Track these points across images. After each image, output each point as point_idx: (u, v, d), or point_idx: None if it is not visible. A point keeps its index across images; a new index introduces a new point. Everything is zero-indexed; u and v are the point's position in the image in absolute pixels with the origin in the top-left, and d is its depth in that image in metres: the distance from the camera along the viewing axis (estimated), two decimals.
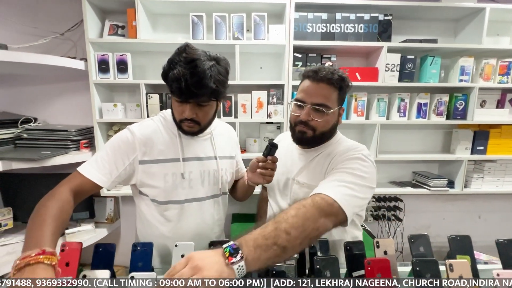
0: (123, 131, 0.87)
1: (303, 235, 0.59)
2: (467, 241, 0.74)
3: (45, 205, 0.69)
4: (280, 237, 0.56)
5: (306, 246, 0.64)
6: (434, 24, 1.84)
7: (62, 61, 1.45)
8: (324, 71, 0.81)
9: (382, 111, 1.73)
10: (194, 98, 0.78)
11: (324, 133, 0.85)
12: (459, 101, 1.73)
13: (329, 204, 0.66)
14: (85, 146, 1.61)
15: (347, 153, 0.82)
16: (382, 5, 1.60)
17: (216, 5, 1.58)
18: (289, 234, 0.57)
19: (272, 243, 0.56)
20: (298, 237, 0.58)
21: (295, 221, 0.59)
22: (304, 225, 0.60)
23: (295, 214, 0.61)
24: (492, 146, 1.79)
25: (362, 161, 0.79)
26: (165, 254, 0.91)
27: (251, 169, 0.88)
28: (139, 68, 1.74)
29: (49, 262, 0.54)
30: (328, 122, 0.84)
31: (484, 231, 2.08)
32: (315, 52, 1.67)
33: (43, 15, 1.65)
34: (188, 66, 0.74)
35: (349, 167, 0.77)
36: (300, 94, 0.85)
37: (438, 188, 1.79)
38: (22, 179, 1.55)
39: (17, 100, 1.71)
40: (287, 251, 0.57)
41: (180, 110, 0.81)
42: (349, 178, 0.74)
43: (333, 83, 0.81)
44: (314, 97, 0.82)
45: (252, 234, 0.57)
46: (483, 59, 1.70)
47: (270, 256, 0.55)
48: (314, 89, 0.82)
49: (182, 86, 0.74)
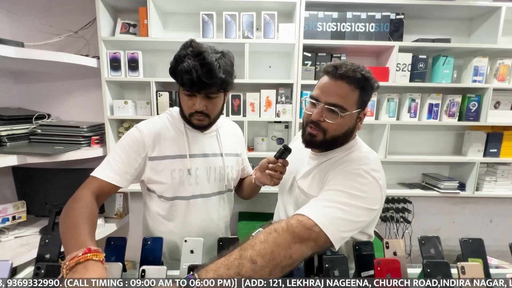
0: (131, 130, 0.88)
1: (272, 264, 0.53)
2: (479, 244, 0.72)
3: (73, 208, 0.70)
4: (244, 266, 0.51)
5: (279, 275, 0.55)
6: (447, 23, 1.80)
7: (75, 58, 1.48)
8: (345, 67, 0.71)
9: (392, 111, 1.70)
10: (205, 89, 0.78)
11: (335, 138, 0.76)
12: (472, 102, 1.69)
13: (307, 228, 0.59)
14: (96, 142, 1.64)
15: (348, 167, 0.73)
16: (394, 3, 1.58)
17: (226, 4, 1.58)
18: (255, 263, 0.52)
19: (234, 273, 0.51)
20: (266, 266, 0.53)
21: (262, 248, 0.54)
22: (273, 252, 0.54)
23: (264, 239, 0.56)
24: (506, 148, 1.74)
25: (360, 177, 0.70)
26: (171, 250, 0.92)
27: (260, 169, 0.88)
28: (149, 66, 1.76)
29: (97, 258, 0.55)
30: (342, 126, 0.74)
31: (496, 236, 2.03)
32: (325, 51, 1.66)
33: (57, 14, 1.69)
34: (196, 58, 0.75)
35: (343, 184, 0.69)
36: (315, 91, 0.76)
37: (449, 190, 1.76)
38: (35, 173, 1.59)
39: (32, 97, 1.76)
40: (253, 274, 0.52)
41: (190, 104, 0.82)
42: (341, 198, 0.66)
43: (354, 82, 0.71)
44: (329, 96, 0.72)
45: (215, 263, 0.53)
46: (498, 59, 1.66)
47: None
48: (331, 87, 0.73)
49: (194, 77, 0.74)
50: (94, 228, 0.68)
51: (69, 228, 0.64)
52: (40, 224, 1.63)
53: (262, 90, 1.66)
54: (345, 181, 0.70)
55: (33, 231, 1.54)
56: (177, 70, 0.77)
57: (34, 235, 1.51)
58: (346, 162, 0.76)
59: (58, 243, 0.70)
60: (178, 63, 0.77)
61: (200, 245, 0.72)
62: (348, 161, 0.76)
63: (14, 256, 1.29)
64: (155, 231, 0.94)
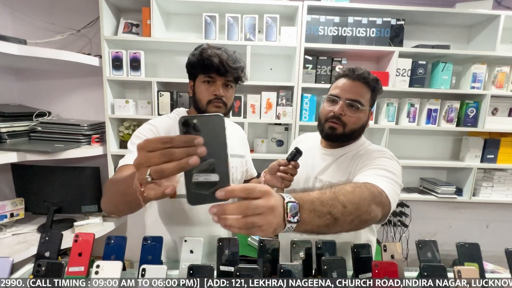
0: (144, 126, 0.89)
1: (356, 214, 0.55)
2: (475, 249, 0.73)
3: (110, 178, 0.71)
4: (335, 207, 0.52)
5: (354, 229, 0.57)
6: (447, 30, 1.82)
7: (77, 57, 1.49)
8: (361, 71, 0.85)
9: (391, 116, 1.72)
10: (227, 75, 0.85)
11: (353, 131, 0.87)
12: (470, 108, 1.71)
13: (380, 193, 0.64)
14: (96, 141, 1.64)
15: (375, 153, 0.84)
16: (394, 9, 1.59)
17: (229, 6, 1.60)
18: (345, 207, 0.54)
19: (327, 212, 0.51)
20: (352, 214, 0.55)
21: (351, 197, 0.56)
22: (359, 204, 0.56)
23: (352, 191, 0.58)
24: (503, 155, 1.76)
25: (390, 160, 0.81)
26: (172, 249, 0.92)
27: (271, 172, 0.87)
28: (151, 66, 1.77)
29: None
30: (360, 120, 0.86)
31: (492, 241, 2.04)
32: (326, 55, 1.67)
33: (60, 12, 1.70)
34: (218, 50, 0.85)
35: (381, 164, 0.77)
36: (334, 90, 0.87)
37: (446, 195, 1.77)
38: (34, 171, 1.59)
39: (33, 94, 1.76)
40: (337, 225, 0.53)
41: (210, 90, 0.86)
42: (386, 173, 0.74)
43: (368, 83, 0.85)
44: (349, 93, 0.84)
45: (309, 195, 0.52)
46: (496, 67, 1.68)
47: (321, 224, 0.51)
48: (349, 85, 0.85)
49: (223, 60, 0.82)
50: None
51: (116, 179, 0.64)
52: (38, 221, 1.63)
53: (263, 92, 1.67)
54: (381, 161, 0.79)
55: (31, 229, 1.53)
56: (200, 58, 0.84)
57: (32, 232, 1.51)
58: (369, 152, 0.85)
59: (58, 241, 0.70)
60: (201, 53, 0.84)
61: (200, 245, 0.72)
62: (370, 152, 0.85)
63: (11, 254, 1.28)
64: (157, 230, 0.94)
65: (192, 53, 0.88)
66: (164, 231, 0.92)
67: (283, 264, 0.65)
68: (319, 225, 0.51)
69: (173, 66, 1.80)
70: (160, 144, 0.39)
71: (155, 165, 0.39)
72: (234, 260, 0.71)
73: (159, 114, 1.63)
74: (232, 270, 0.66)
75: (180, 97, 1.66)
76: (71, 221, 1.63)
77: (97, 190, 1.66)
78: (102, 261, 0.62)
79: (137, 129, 0.88)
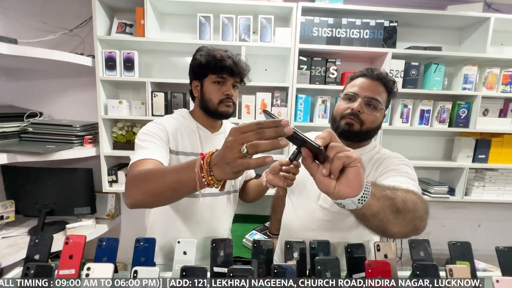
0: (150, 124, 0.89)
1: (413, 214, 0.56)
2: (467, 248, 0.74)
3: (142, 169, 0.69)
4: (397, 199, 0.53)
5: (412, 228, 0.58)
6: (439, 32, 1.85)
7: (70, 57, 1.47)
8: (379, 71, 0.87)
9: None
10: (237, 75, 0.90)
11: (370, 130, 0.86)
12: (462, 109, 1.74)
13: (426, 204, 0.63)
14: (89, 142, 1.62)
15: (395, 159, 0.85)
16: (387, 11, 1.61)
17: (223, 7, 1.60)
18: (406, 202, 0.55)
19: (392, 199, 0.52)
20: (410, 212, 0.55)
21: (409, 197, 0.57)
22: (417, 204, 0.58)
23: (406, 192, 0.58)
24: (493, 155, 1.79)
25: (410, 168, 0.82)
26: (173, 250, 0.92)
27: (273, 172, 0.87)
28: (145, 66, 1.76)
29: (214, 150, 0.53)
30: (377, 119, 0.86)
31: (484, 240, 2.07)
32: (320, 56, 1.68)
33: (52, 11, 1.68)
34: (226, 52, 0.89)
35: (406, 172, 0.79)
36: (352, 88, 0.87)
37: (439, 195, 1.79)
38: (25, 172, 1.56)
39: (24, 94, 1.73)
40: (398, 215, 0.53)
41: (222, 90, 0.90)
42: (415, 183, 0.75)
43: (386, 83, 0.86)
44: (368, 91, 0.84)
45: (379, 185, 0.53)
46: (487, 68, 1.71)
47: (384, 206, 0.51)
48: (368, 84, 0.85)
49: (236, 61, 0.88)
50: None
51: (157, 173, 0.63)
52: (29, 224, 1.60)
53: (257, 93, 1.67)
54: (405, 169, 0.80)
55: (21, 232, 1.51)
56: (212, 60, 0.87)
57: (23, 235, 1.48)
58: (388, 157, 0.87)
59: (48, 244, 0.69)
60: (210, 56, 0.87)
61: (194, 246, 0.72)
62: (389, 157, 0.87)
63: (1, 257, 1.26)
64: (160, 229, 0.94)
65: (198, 54, 0.90)
66: (165, 230, 0.93)
67: (277, 265, 0.64)
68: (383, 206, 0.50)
69: (167, 66, 1.79)
70: (253, 126, 0.44)
71: (250, 141, 0.44)
72: (228, 261, 0.71)
73: (153, 114, 1.62)
74: (226, 271, 0.65)
75: (174, 98, 1.65)
76: (63, 223, 1.61)
77: (90, 191, 1.64)
78: (92, 263, 0.61)
79: (143, 127, 0.89)
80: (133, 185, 0.66)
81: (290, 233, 0.96)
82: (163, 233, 0.93)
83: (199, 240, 0.81)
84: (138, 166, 0.73)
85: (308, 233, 0.88)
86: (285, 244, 0.75)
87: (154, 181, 0.62)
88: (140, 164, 0.73)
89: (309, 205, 0.93)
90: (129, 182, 0.68)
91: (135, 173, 0.68)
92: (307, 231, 0.90)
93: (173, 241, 0.90)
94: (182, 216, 0.93)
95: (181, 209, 0.92)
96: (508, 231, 2.10)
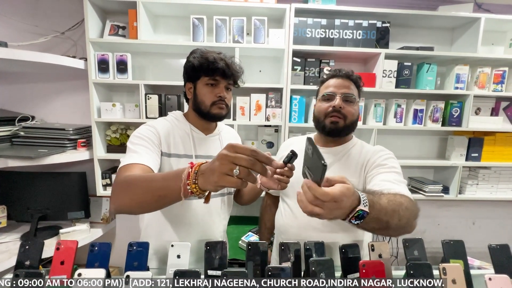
0: (142, 127, 0.89)
1: (404, 226, 0.65)
2: (460, 246, 0.75)
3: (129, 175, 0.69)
4: (394, 219, 0.61)
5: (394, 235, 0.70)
6: (431, 32, 1.87)
7: (61, 59, 1.45)
8: (346, 70, 0.96)
9: (379, 116, 1.75)
10: (230, 78, 0.89)
11: (352, 123, 0.94)
12: (455, 108, 1.76)
13: (418, 210, 0.71)
14: (83, 145, 1.60)
15: (380, 153, 0.93)
16: (380, 12, 1.63)
17: (217, 9, 1.59)
18: (400, 221, 0.62)
19: (385, 221, 0.60)
20: (402, 227, 0.64)
21: (407, 214, 0.65)
22: (409, 220, 0.66)
23: (408, 207, 0.66)
24: (486, 153, 1.81)
25: (395, 160, 0.91)
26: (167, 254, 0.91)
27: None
28: (138, 68, 1.75)
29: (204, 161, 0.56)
30: (356, 111, 0.95)
31: (479, 237, 2.10)
32: (314, 56, 1.69)
33: (44, 14, 1.66)
34: (219, 54, 0.88)
35: (393, 166, 0.87)
36: (328, 89, 0.95)
37: (433, 193, 1.81)
38: (17, 177, 1.54)
39: (15, 98, 1.71)
40: (387, 231, 0.63)
41: (214, 92, 0.89)
42: (401, 178, 0.84)
43: (354, 80, 0.97)
44: (343, 89, 0.94)
45: (380, 203, 0.60)
46: (478, 68, 1.74)
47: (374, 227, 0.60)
48: (341, 83, 0.95)
49: (226, 63, 0.87)
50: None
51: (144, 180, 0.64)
52: (22, 230, 1.58)
53: (252, 94, 1.67)
54: (390, 162, 0.88)
55: (13, 237, 1.48)
56: (205, 62, 0.87)
57: (15, 241, 1.46)
58: (374, 152, 0.93)
59: (40, 249, 0.68)
60: (203, 58, 0.87)
61: (188, 249, 0.71)
62: (375, 152, 0.94)
63: None
64: (154, 232, 0.94)
65: (191, 56, 0.90)
66: (160, 233, 0.92)
67: (271, 267, 0.64)
68: (373, 227, 0.60)
69: (161, 68, 1.78)
70: (248, 151, 0.48)
71: (239, 165, 0.47)
72: (222, 264, 0.70)
73: (147, 117, 1.61)
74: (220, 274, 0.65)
75: (169, 100, 1.64)
76: (57, 228, 1.59)
77: (83, 195, 1.62)
78: (84, 269, 0.60)
79: (136, 130, 0.89)
80: (119, 191, 0.66)
81: (288, 237, 0.97)
82: (157, 235, 0.93)
83: (194, 243, 0.81)
84: (126, 171, 0.73)
85: (310, 232, 0.92)
86: (280, 246, 0.74)
87: (140, 188, 0.62)
88: (128, 169, 0.74)
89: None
90: (116, 187, 0.68)
91: (122, 179, 0.68)
92: (309, 231, 0.92)
93: (167, 244, 0.90)
94: (176, 219, 0.92)
95: (175, 211, 0.92)
96: (502, 228, 2.12)
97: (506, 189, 1.87)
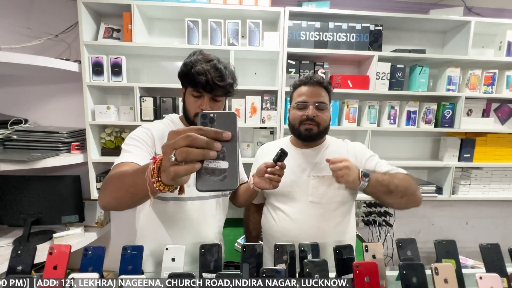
0: (138, 129, 0.89)
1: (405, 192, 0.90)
2: (452, 245, 0.76)
3: (114, 171, 0.70)
4: (392, 184, 0.88)
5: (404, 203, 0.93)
6: (423, 35, 1.90)
7: (55, 62, 1.44)
8: (316, 78, 1.00)
9: (373, 118, 1.77)
10: (215, 91, 0.86)
11: (325, 128, 1.02)
12: (447, 110, 1.79)
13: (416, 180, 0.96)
14: (77, 149, 1.59)
15: (365, 150, 1.07)
16: (373, 15, 1.65)
17: (211, 12, 1.60)
18: (398, 187, 0.88)
19: (386, 185, 0.88)
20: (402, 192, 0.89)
21: (403, 183, 0.89)
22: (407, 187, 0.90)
23: (403, 178, 0.91)
24: (478, 153, 1.84)
25: (366, 148, 1.09)
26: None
27: (259, 174, 0.88)
28: (133, 71, 1.74)
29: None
30: (328, 118, 1.02)
31: (472, 237, 2.13)
32: (308, 59, 1.70)
33: (37, 16, 1.65)
34: (208, 64, 0.84)
35: (380, 160, 1.04)
36: (301, 97, 1.00)
37: (427, 194, 1.83)
38: (9, 181, 1.52)
39: (8, 101, 1.69)
40: (392, 196, 0.89)
41: (197, 104, 0.87)
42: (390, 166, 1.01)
43: (325, 86, 1.01)
44: (315, 97, 0.98)
45: (375, 172, 0.91)
46: (469, 70, 1.77)
47: (381, 190, 0.88)
48: (312, 91, 0.99)
49: (208, 79, 0.82)
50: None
51: (122, 174, 0.63)
52: (14, 234, 1.55)
53: (247, 96, 1.67)
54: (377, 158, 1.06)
55: (6, 242, 1.46)
56: (189, 72, 0.84)
57: (7, 246, 1.43)
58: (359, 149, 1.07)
59: (32, 254, 0.67)
60: (191, 67, 0.84)
61: (182, 252, 0.71)
62: (359, 149, 1.07)
63: None
64: (149, 233, 0.93)
65: (185, 61, 0.87)
66: (155, 234, 0.92)
67: (266, 268, 0.64)
68: (378, 191, 0.88)
69: (156, 71, 1.78)
70: (189, 130, 0.42)
71: (179, 147, 0.42)
72: (217, 267, 0.70)
73: (142, 120, 1.60)
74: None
75: (164, 102, 1.64)
76: (51, 232, 1.57)
77: (78, 199, 1.60)
78: (77, 274, 0.60)
79: (131, 132, 0.89)
80: (103, 188, 0.67)
81: (272, 240, 0.99)
82: (152, 236, 0.92)
83: (188, 245, 0.81)
84: (116, 169, 0.74)
85: (307, 231, 0.95)
86: (275, 248, 0.75)
87: (115, 185, 0.63)
88: (118, 167, 0.74)
89: (301, 206, 0.99)
90: (102, 184, 0.69)
91: (108, 176, 0.69)
92: (306, 230, 0.95)
93: (162, 245, 0.90)
94: (170, 220, 0.92)
95: (169, 213, 0.91)
96: (495, 227, 2.15)
97: (497, 189, 1.90)
